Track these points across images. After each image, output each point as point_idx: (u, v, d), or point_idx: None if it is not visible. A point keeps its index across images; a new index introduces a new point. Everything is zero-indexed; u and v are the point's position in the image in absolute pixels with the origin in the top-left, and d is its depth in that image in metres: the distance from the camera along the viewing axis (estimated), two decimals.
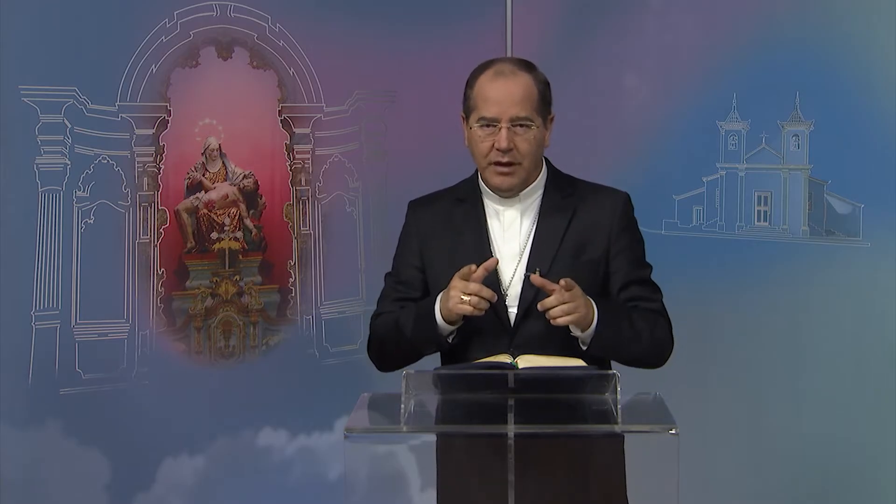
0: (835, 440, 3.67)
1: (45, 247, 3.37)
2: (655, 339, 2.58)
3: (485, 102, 2.56)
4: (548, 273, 2.54)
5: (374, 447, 3.60)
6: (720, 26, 3.86)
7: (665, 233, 3.96)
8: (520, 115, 2.54)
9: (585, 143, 4.06)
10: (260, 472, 3.79)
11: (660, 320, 2.62)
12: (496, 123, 2.54)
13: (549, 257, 2.58)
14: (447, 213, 2.67)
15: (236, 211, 3.75)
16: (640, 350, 2.56)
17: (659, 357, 2.62)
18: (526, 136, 2.55)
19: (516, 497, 2.23)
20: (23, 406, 3.34)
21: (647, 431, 2.28)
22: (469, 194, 2.67)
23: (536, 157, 2.60)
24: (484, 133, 2.56)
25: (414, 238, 2.70)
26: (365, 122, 4.00)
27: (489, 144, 2.56)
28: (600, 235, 2.61)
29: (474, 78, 2.61)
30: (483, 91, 2.57)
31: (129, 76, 3.51)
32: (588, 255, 2.60)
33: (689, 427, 2.20)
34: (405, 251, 2.72)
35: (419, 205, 2.74)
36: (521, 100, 2.54)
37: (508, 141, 2.53)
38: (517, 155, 2.55)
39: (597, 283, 2.60)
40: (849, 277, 3.65)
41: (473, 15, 4.11)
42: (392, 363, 2.65)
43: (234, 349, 3.77)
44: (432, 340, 2.56)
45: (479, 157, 2.59)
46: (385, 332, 2.66)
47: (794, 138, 3.76)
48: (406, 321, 2.60)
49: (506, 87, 2.55)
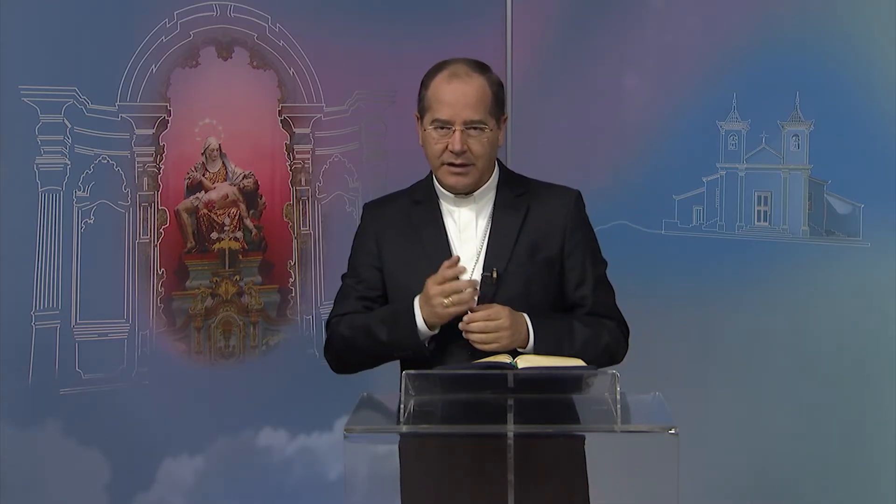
0: (834, 440, 3.66)
1: (45, 247, 3.37)
2: (602, 346, 2.59)
3: (439, 104, 2.57)
4: (504, 272, 2.57)
5: (374, 447, 3.59)
6: (720, 26, 3.86)
7: (665, 233, 3.96)
8: (473, 118, 2.55)
9: (585, 143, 4.06)
10: (260, 472, 3.79)
11: (607, 324, 2.62)
12: (450, 126, 2.56)
13: (504, 257, 2.60)
14: (404, 215, 2.68)
15: (236, 211, 3.75)
16: (585, 360, 2.52)
17: (610, 361, 2.62)
18: (479, 138, 2.57)
19: (515, 497, 2.23)
20: (23, 406, 3.35)
21: (647, 431, 2.28)
22: (425, 196, 2.68)
23: (490, 157, 2.62)
24: (438, 135, 2.57)
25: (371, 239, 2.69)
26: (365, 122, 4.00)
27: (443, 146, 2.57)
28: (554, 233, 2.63)
29: (429, 79, 2.61)
30: (437, 93, 2.58)
31: (129, 76, 3.51)
32: (543, 253, 2.62)
33: (689, 427, 2.19)
34: (362, 252, 2.71)
35: (375, 206, 2.75)
36: (475, 103, 2.56)
37: (462, 143, 2.55)
38: (470, 157, 2.57)
39: (553, 281, 2.62)
40: (849, 277, 3.65)
41: (473, 15, 4.11)
42: (354, 366, 2.67)
43: (234, 349, 3.77)
44: (411, 346, 2.55)
45: (433, 157, 2.61)
46: (352, 334, 2.63)
47: (794, 138, 3.76)
48: (380, 327, 2.59)
49: (460, 89, 2.56)
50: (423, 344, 2.55)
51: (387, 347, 2.59)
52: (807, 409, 3.72)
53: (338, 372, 2.71)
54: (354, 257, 2.73)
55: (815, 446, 3.70)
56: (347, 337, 2.64)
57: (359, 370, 2.68)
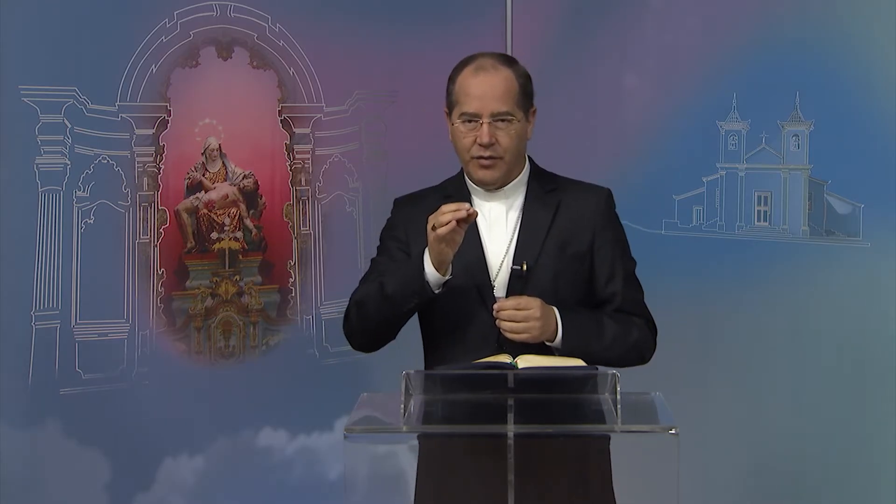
0: (834, 440, 3.67)
1: (45, 247, 3.37)
2: (630, 343, 2.60)
3: (466, 98, 2.57)
4: (534, 266, 2.56)
5: (374, 447, 3.61)
6: (720, 26, 3.86)
7: (665, 233, 3.96)
8: (501, 110, 2.56)
9: (585, 143, 4.06)
10: (260, 472, 3.79)
11: (636, 322, 2.63)
12: (478, 119, 2.56)
13: (535, 251, 2.59)
14: (434, 210, 2.67)
15: (236, 211, 3.75)
16: (613, 356, 2.55)
17: (639, 359, 2.63)
18: (507, 130, 2.57)
19: (516, 498, 2.23)
20: (23, 406, 3.34)
21: (647, 431, 2.28)
22: (456, 191, 2.67)
23: (518, 150, 2.62)
24: (466, 128, 2.58)
25: (402, 231, 2.68)
26: (365, 122, 4.00)
27: (471, 139, 2.57)
28: (584, 229, 2.63)
29: (456, 73, 2.62)
30: (464, 86, 2.58)
31: (129, 76, 3.51)
32: (573, 248, 2.61)
33: (689, 427, 2.19)
34: (392, 241, 2.69)
35: (405, 202, 2.75)
36: (502, 94, 2.56)
37: (490, 136, 2.55)
38: (499, 149, 2.57)
39: (582, 276, 2.62)
40: (849, 277, 3.65)
41: (473, 15, 4.11)
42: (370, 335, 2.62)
43: (234, 349, 3.77)
44: (417, 292, 2.50)
45: (462, 151, 2.61)
46: (365, 294, 2.60)
47: (794, 138, 3.76)
48: (391, 277, 2.56)
49: (487, 82, 2.56)
50: (427, 285, 2.49)
51: (392, 298, 2.54)
52: (807, 409, 3.72)
53: (358, 348, 2.66)
54: (385, 245, 2.70)
55: (815, 446, 3.70)
56: (359, 300, 2.61)
57: (377, 341, 2.61)
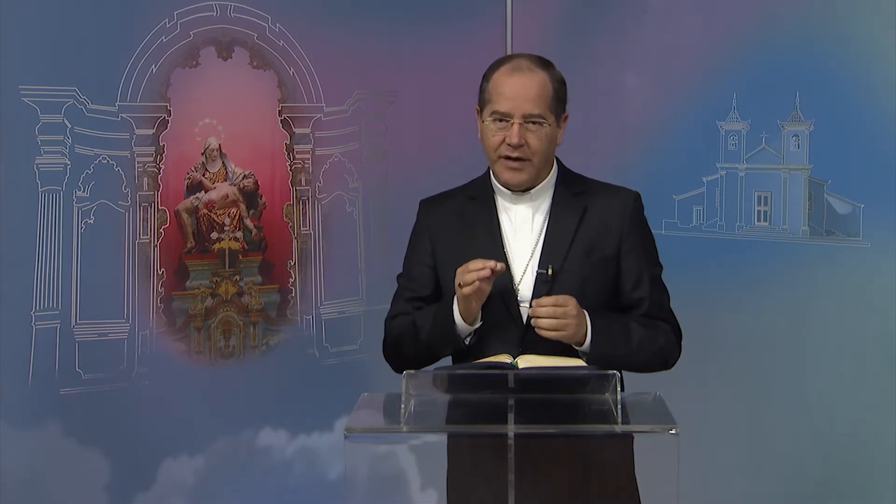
0: (835, 440, 3.67)
1: (45, 247, 3.37)
2: (656, 348, 2.59)
3: (499, 97, 2.56)
4: (560, 270, 2.55)
5: (374, 447, 3.60)
6: (720, 26, 3.87)
7: (665, 233, 3.95)
8: (533, 112, 2.54)
9: (585, 142, 4.04)
10: (260, 472, 3.79)
11: (662, 327, 2.62)
12: (509, 118, 2.55)
13: (560, 255, 2.58)
14: (459, 211, 2.67)
15: (236, 211, 3.75)
16: (640, 361, 2.56)
17: (663, 364, 2.62)
18: (538, 133, 2.56)
19: (517, 498, 2.23)
20: (23, 406, 3.34)
21: (647, 431, 2.28)
22: (481, 192, 2.66)
23: (547, 154, 2.61)
24: (496, 127, 2.56)
25: (426, 236, 2.69)
26: (365, 122, 4.00)
27: (500, 138, 2.56)
28: (612, 233, 2.61)
29: (491, 71, 2.61)
30: (498, 85, 2.57)
31: (129, 76, 3.50)
32: (599, 252, 2.60)
33: (689, 427, 2.19)
34: (416, 249, 2.71)
35: (431, 203, 2.74)
36: (536, 97, 2.55)
37: (520, 137, 2.54)
38: (527, 151, 2.56)
39: (608, 281, 2.61)
40: (849, 277, 3.65)
41: (473, 15, 4.11)
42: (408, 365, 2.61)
43: (234, 349, 3.77)
44: (450, 341, 2.55)
45: (490, 150, 2.60)
46: (400, 333, 2.65)
47: (794, 138, 3.76)
48: (423, 323, 2.59)
49: (521, 83, 2.55)
50: (459, 338, 2.52)
51: (428, 345, 2.58)
52: (807, 409, 3.72)
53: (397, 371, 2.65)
54: (408, 256, 2.73)
55: (815, 446, 3.70)
56: (396, 337, 2.65)
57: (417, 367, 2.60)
